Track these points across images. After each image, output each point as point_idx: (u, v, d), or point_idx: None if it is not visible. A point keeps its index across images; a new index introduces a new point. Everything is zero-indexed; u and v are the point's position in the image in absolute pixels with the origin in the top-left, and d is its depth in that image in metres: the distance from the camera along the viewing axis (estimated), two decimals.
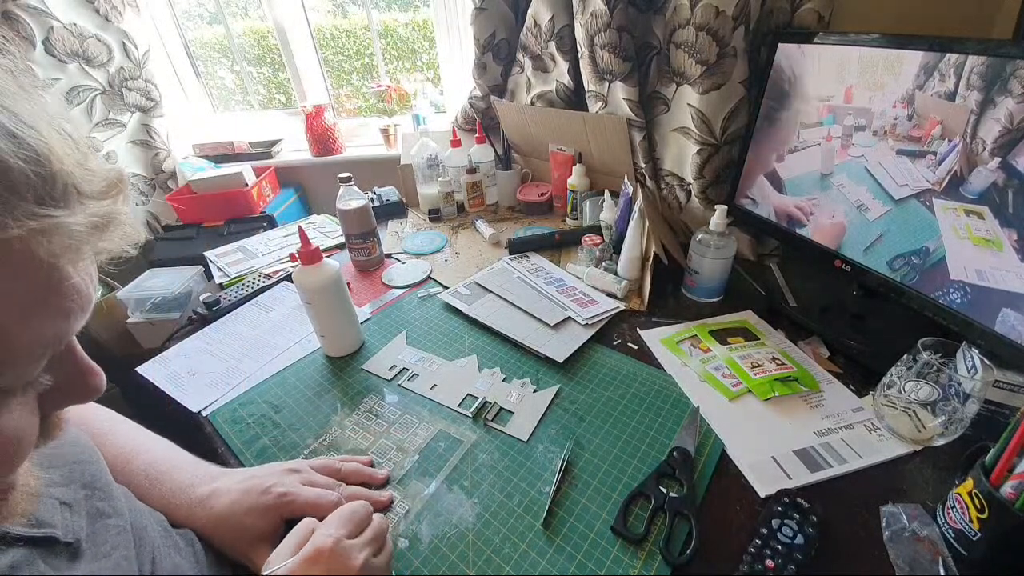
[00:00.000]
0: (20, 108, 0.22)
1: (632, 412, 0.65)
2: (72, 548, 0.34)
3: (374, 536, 0.45)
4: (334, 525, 0.44)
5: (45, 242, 0.22)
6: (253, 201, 1.51)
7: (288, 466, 0.54)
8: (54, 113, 0.24)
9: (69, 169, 0.23)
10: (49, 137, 0.22)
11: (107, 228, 0.24)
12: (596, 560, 0.49)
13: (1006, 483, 0.43)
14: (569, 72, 1.04)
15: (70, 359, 0.28)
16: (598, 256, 0.92)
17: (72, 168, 0.23)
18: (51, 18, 1.26)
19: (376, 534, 0.45)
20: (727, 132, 0.86)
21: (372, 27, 1.81)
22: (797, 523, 0.49)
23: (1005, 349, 0.56)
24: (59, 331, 0.24)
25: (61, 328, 0.24)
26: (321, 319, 0.73)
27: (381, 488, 0.56)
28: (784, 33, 0.76)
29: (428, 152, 1.16)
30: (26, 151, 0.21)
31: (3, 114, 0.21)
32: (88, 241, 0.24)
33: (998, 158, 0.54)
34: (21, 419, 0.25)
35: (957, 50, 0.55)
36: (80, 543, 0.35)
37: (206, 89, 1.85)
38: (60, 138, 0.23)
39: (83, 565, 0.34)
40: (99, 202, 0.24)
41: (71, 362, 0.28)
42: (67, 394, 0.28)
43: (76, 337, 0.28)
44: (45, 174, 0.22)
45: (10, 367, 0.23)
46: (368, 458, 0.60)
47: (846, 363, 0.71)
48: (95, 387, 0.29)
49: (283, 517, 0.50)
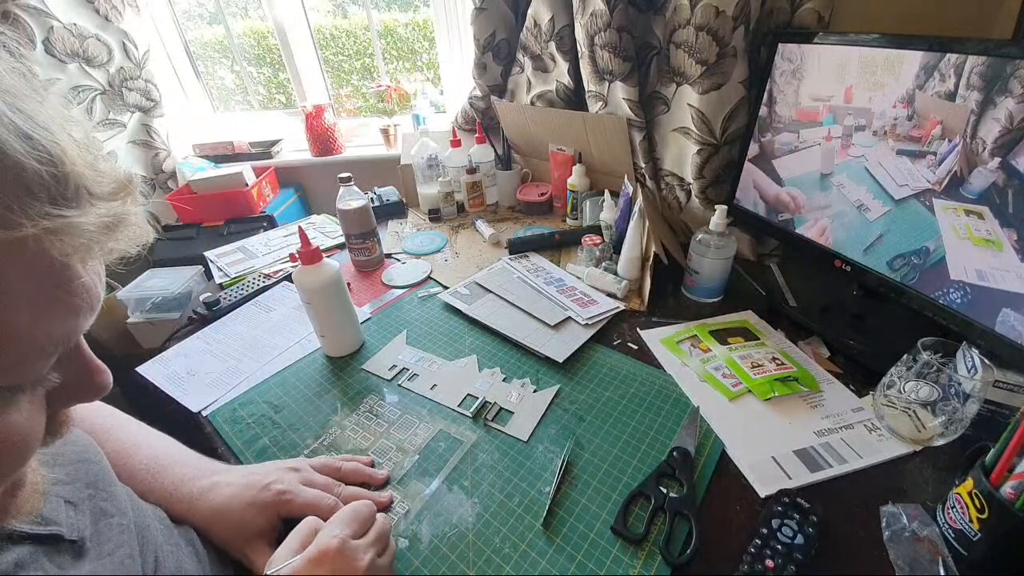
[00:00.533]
0: (34, 110, 0.22)
1: (632, 412, 0.65)
2: (76, 546, 0.34)
3: (378, 536, 0.45)
4: (339, 525, 0.44)
5: (57, 241, 0.22)
6: (253, 201, 1.51)
7: (289, 464, 0.55)
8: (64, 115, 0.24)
9: (80, 171, 0.23)
10: (62, 139, 0.23)
11: (117, 228, 0.25)
12: (596, 560, 0.49)
13: (1006, 483, 0.43)
14: (569, 72, 1.04)
15: (78, 357, 0.28)
16: (598, 256, 0.92)
17: (83, 170, 0.23)
18: (51, 18, 1.27)
19: (380, 534, 0.45)
20: (727, 132, 0.86)
21: (372, 27, 1.81)
22: (797, 523, 0.49)
23: (1005, 349, 0.56)
24: (69, 328, 0.25)
25: (71, 325, 0.25)
26: (321, 319, 0.73)
27: (381, 489, 0.56)
28: (784, 33, 0.76)
29: (428, 152, 1.16)
30: (40, 152, 0.22)
31: (18, 116, 0.21)
32: (99, 241, 0.24)
33: (998, 158, 0.54)
34: (30, 416, 0.25)
35: (957, 50, 0.55)
36: (84, 541, 0.35)
37: (206, 89, 1.85)
38: (71, 140, 0.23)
39: (87, 564, 0.34)
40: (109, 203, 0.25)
41: (79, 360, 0.28)
42: (74, 392, 0.28)
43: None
44: (58, 175, 0.22)
45: (21, 364, 0.23)
46: (368, 458, 0.60)
47: (846, 363, 0.71)
48: (102, 385, 0.29)
49: (280, 515, 0.50)
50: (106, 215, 0.24)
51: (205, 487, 0.50)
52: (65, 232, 0.22)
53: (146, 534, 0.41)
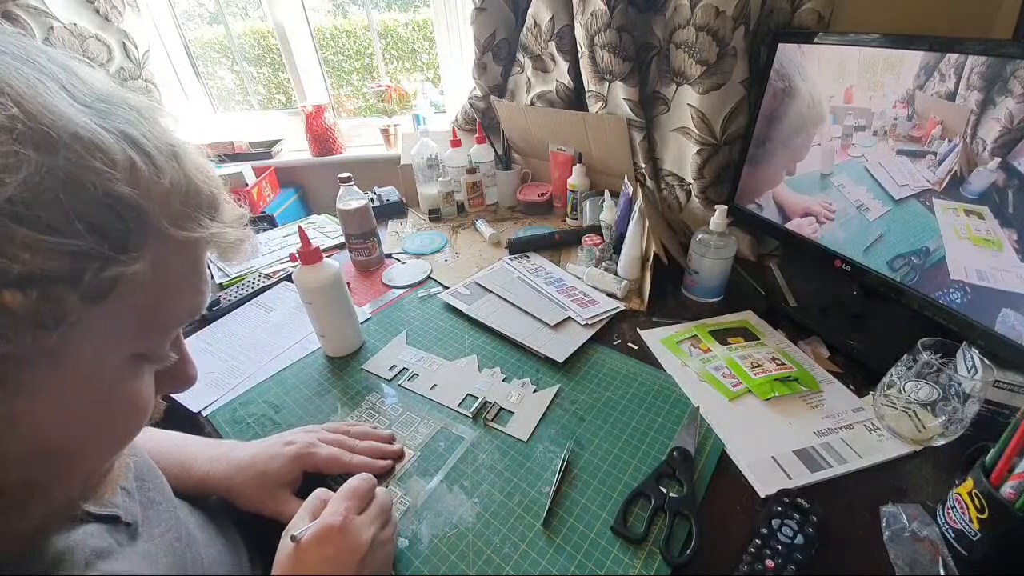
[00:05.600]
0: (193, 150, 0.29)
1: (632, 412, 0.65)
2: (131, 528, 0.38)
3: (380, 510, 0.47)
4: (341, 502, 0.45)
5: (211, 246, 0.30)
6: (253, 201, 1.51)
7: (302, 429, 0.59)
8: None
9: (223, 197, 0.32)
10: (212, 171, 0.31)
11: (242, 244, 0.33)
12: (596, 560, 0.49)
13: (1006, 483, 0.43)
14: (569, 72, 1.04)
15: (179, 348, 0.34)
16: (598, 256, 0.92)
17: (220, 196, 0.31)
18: (51, 18, 1.26)
19: (381, 508, 0.47)
20: (727, 132, 0.86)
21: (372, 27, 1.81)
22: (797, 523, 0.49)
23: (1005, 349, 0.56)
24: (193, 307, 0.31)
25: (196, 304, 0.31)
26: (321, 319, 0.73)
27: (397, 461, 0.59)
28: (784, 33, 0.76)
29: (428, 152, 1.16)
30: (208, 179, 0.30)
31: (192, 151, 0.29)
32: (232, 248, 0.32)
33: (998, 158, 0.54)
34: (149, 390, 0.30)
35: (957, 50, 0.55)
36: (138, 525, 0.38)
37: (206, 89, 1.85)
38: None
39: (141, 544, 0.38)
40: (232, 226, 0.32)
41: (179, 350, 0.34)
42: (171, 380, 0.34)
43: None
44: (213, 199, 0.30)
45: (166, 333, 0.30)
46: (388, 434, 0.62)
47: (846, 363, 0.71)
48: (192, 376, 0.35)
49: (305, 467, 0.54)
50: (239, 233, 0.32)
51: (222, 452, 0.53)
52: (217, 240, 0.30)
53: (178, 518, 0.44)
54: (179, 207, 0.27)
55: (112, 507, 0.36)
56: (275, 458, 0.53)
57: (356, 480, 0.48)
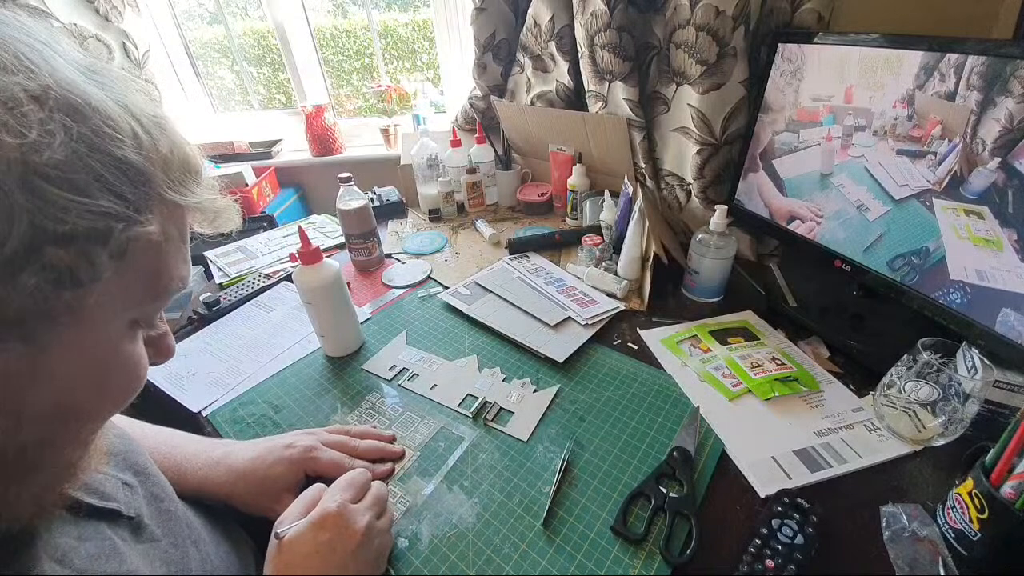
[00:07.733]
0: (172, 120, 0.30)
1: (632, 412, 0.65)
2: (134, 523, 0.38)
3: (375, 500, 0.48)
4: (338, 491, 0.47)
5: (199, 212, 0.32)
6: (253, 201, 1.51)
7: (302, 432, 0.58)
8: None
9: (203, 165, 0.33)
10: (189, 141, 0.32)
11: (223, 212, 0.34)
12: (596, 560, 0.49)
13: (1006, 483, 0.43)
14: (569, 72, 1.04)
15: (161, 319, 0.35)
16: (598, 256, 0.92)
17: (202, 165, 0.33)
18: (51, 18, 1.26)
19: (377, 498, 0.48)
20: (727, 132, 0.86)
21: (372, 27, 1.81)
22: (797, 523, 0.49)
23: (1005, 349, 0.56)
24: (183, 275, 0.32)
25: (184, 273, 0.32)
26: (321, 319, 0.73)
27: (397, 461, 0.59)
28: (784, 33, 0.76)
29: (428, 152, 1.16)
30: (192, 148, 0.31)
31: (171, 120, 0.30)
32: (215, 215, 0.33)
33: (998, 158, 0.54)
34: (142, 353, 0.31)
35: (957, 50, 0.55)
36: (142, 519, 0.38)
37: (206, 89, 1.85)
38: None
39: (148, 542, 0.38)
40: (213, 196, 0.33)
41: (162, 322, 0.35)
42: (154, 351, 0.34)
43: None
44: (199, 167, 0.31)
45: (163, 299, 0.31)
46: (390, 434, 0.62)
47: (846, 363, 0.71)
48: (171, 348, 0.36)
49: (307, 471, 0.53)
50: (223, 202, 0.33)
51: (220, 455, 0.53)
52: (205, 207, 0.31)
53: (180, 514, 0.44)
54: (176, 173, 0.29)
55: (112, 501, 0.36)
56: (278, 463, 0.52)
57: (353, 472, 0.49)
